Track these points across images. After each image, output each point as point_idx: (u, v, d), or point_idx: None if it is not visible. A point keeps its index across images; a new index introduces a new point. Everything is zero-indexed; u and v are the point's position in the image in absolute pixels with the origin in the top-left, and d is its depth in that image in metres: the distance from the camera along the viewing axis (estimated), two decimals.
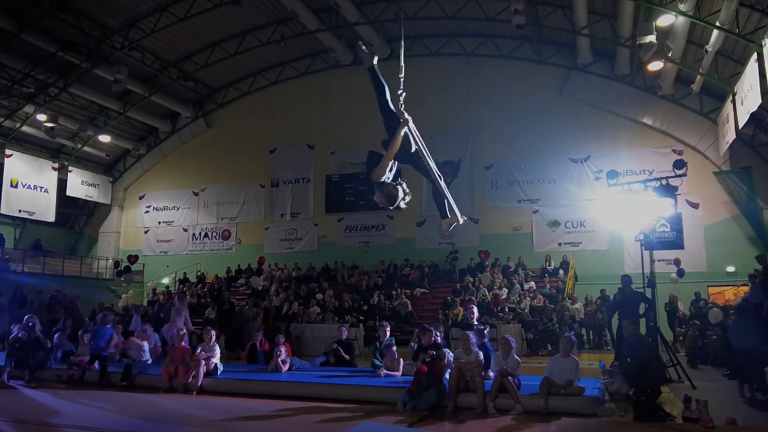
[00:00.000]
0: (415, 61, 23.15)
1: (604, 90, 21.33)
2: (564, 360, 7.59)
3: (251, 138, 26.21)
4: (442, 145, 21.46)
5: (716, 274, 19.12)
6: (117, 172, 28.60)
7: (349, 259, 23.28)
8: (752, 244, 19.09)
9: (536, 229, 22.03)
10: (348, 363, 10.86)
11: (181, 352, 9.19)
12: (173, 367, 8.98)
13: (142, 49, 22.40)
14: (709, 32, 16.37)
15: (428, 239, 22.98)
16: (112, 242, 27.89)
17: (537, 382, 7.81)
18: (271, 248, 25.42)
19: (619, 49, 19.92)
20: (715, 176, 19.25)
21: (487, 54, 22.82)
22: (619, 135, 21.09)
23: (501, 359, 7.57)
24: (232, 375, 9.43)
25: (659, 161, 19.95)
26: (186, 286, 23.72)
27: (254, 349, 11.30)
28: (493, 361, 7.82)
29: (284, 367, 9.55)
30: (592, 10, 18.96)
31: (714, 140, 19.59)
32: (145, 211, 27.90)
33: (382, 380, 8.64)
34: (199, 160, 27.08)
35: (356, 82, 24.36)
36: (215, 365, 9.20)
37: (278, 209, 25.69)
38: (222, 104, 27.09)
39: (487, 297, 18.47)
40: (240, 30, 22.83)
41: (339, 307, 18.78)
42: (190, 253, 26.75)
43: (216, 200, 26.84)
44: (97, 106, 24.78)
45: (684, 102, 20.31)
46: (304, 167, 25.48)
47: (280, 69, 25.78)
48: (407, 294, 19.77)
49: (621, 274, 18.34)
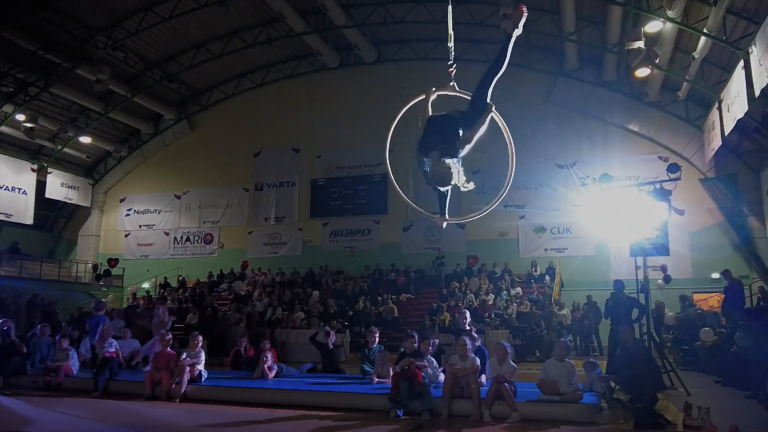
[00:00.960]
0: (402, 65, 23.25)
1: (591, 96, 21.37)
2: (559, 364, 7.43)
3: (235, 141, 25.89)
4: None
5: (702, 280, 19.17)
6: (97, 174, 28.08)
7: (334, 264, 23.05)
8: (737, 250, 19.17)
9: (522, 234, 21.97)
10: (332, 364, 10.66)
11: (165, 358, 8.87)
12: (158, 374, 8.66)
13: (125, 49, 22.00)
14: (697, 39, 16.42)
15: (414, 244, 22.82)
16: (92, 246, 27.33)
17: (531, 389, 7.66)
18: (254, 252, 25.08)
19: (607, 56, 19.96)
20: (701, 183, 19.31)
21: (475, 59, 22.54)
22: (606, 141, 21.09)
23: (496, 365, 7.39)
24: (217, 382, 9.11)
25: (645, 167, 19.95)
26: (167, 290, 23.30)
27: (239, 355, 10.99)
28: (488, 368, 7.63)
29: (271, 373, 9.25)
30: (581, 16, 18.95)
31: (699, 147, 19.69)
32: (126, 214, 27.42)
33: (372, 387, 8.40)
34: (181, 163, 26.67)
35: (343, 85, 24.30)
36: (200, 372, 8.90)
37: (262, 213, 25.38)
38: (206, 106, 26.73)
39: (474, 303, 18.33)
40: (225, 31, 22.56)
41: (324, 313, 18.52)
42: (172, 257, 26.32)
43: (198, 204, 26.45)
44: (78, 107, 24.30)
45: (670, 109, 20.39)
46: (289, 171, 25.19)
47: (265, 71, 25.52)
48: (393, 299, 19.58)
49: (607, 279, 18.58)
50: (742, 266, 18.81)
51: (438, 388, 7.63)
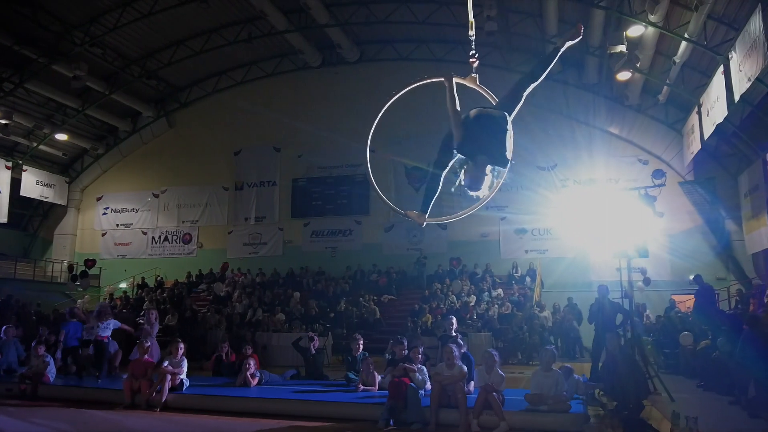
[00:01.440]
0: (385, 65, 23.16)
1: (572, 98, 21.46)
2: (546, 374, 7.41)
3: (215, 139, 25.56)
4: (411, 151, 21.25)
5: (681, 282, 19.33)
6: (74, 172, 27.56)
7: (315, 265, 22.88)
8: (715, 253, 19.41)
9: (503, 236, 22.01)
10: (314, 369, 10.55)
11: (143, 366, 8.67)
12: (136, 382, 8.47)
13: (103, 46, 21.58)
14: (678, 44, 16.57)
15: (396, 245, 22.74)
16: (68, 245, 26.84)
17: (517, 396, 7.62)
18: (234, 253, 24.81)
19: (588, 59, 20.05)
20: (680, 186, 19.50)
21: (457, 60, 22.60)
22: (586, 144, 21.18)
23: (484, 374, 7.34)
24: (199, 390, 8.93)
25: (625, 170, 20.17)
26: (144, 291, 22.97)
27: (220, 360, 10.82)
28: (476, 376, 7.58)
29: (253, 381, 9.11)
30: (562, 18, 19.00)
31: (679, 150, 19.89)
32: (103, 212, 26.96)
33: (358, 396, 8.31)
34: (160, 161, 26.28)
35: (325, 84, 24.12)
36: (181, 380, 8.72)
37: (242, 213, 25.11)
38: (185, 104, 26.36)
39: (456, 304, 18.33)
40: (206, 28, 22.22)
41: (305, 314, 18.37)
42: (149, 256, 25.95)
43: (177, 203, 26.09)
44: (54, 104, 23.74)
45: (650, 112, 20.56)
46: (270, 170, 24.94)
47: (246, 69, 25.21)
48: (375, 300, 19.49)
49: (587, 281, 18.73)
50: (720, 269, 19.09)
51: (426, 396, 7.57)
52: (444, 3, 20.20)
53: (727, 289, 17.98)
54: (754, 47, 12.64)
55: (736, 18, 14.52)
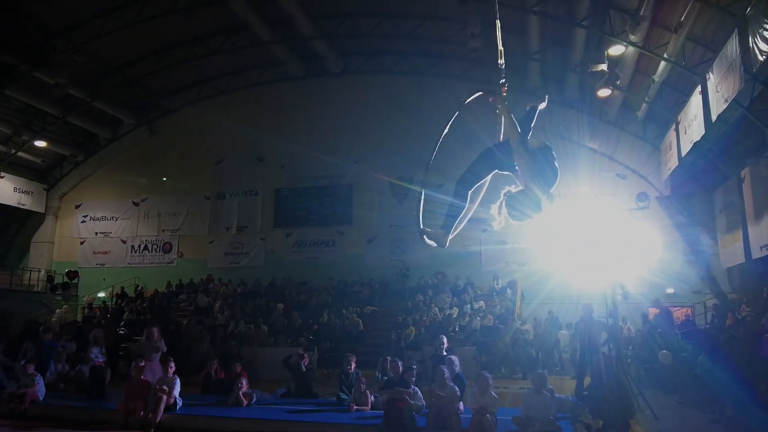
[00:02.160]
0: (369, 78, 23.33)
1: (552, 114, 21.76)
2: (537, 397, 7.58)
3: (197, 148, 25.38)
4: (394, 164, 21.44)
5: (658, 294, 19.72)
6: (52, 179, 27.14)
7: (297, 275, 22.82)
8: (691, 267, 19.84)
9: (485, 247, 22.22)
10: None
11: (139, 386, 8.66)
12: (132, 404, 8.45)
13: (85, 53, 21.37)
14: (657, 63, 17.00)
15: (379, 256, 22.79)
16: (45, 253, 26.42)
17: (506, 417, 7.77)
18: (215, 263, 24.67)
19: (569, 75, 20.41)
20: (657, 201, 19.95)
21: (440, 74, 22.92)
22: (566, 158, 21.48)
23: (478, 396, 7.49)
24: (192, 410, 8.94)
25: (604, 185, 20.50)
26: (124, 301, 22.74)
27: (209, 378, 10.82)
28: (470, 397, 7.73)
29: (246, 400, 9.14)
30: (545, 36, 19.34)
31: (656, 166, 20.35)
32: (82, 220, 26.60)
33: (353, 416, 8.40)
34: (141, 169, 26.00)
35: (309, 94, 24.15)
36: (175, 399, 8.73)
37: (224, 222, 24.99)
38: (167, 112, 26.14)
39: (438, 316, 18.49)
40: (190, 37, 22.09)
41: (289, 326, 18.36)
42: (129, 266, 25.67)
43: (158, 211, 25.85)
44: (34, 110, 23.38)
45: (628, 128, 21.01)
46: (253, 180, 24.86)
47: (230, 78, 25.10)
48: (357, 312, 19.52)
49: (567, 293, 18.97)
50: (695, 282, 19.51)
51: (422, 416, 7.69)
52: (428, 18, 20.46)
53: (703, 302, 18.42)
54: (731, 70, 13.07)
55: (714, 40, 14.97)
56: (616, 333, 10.55)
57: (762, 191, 15.32)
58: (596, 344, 9.93)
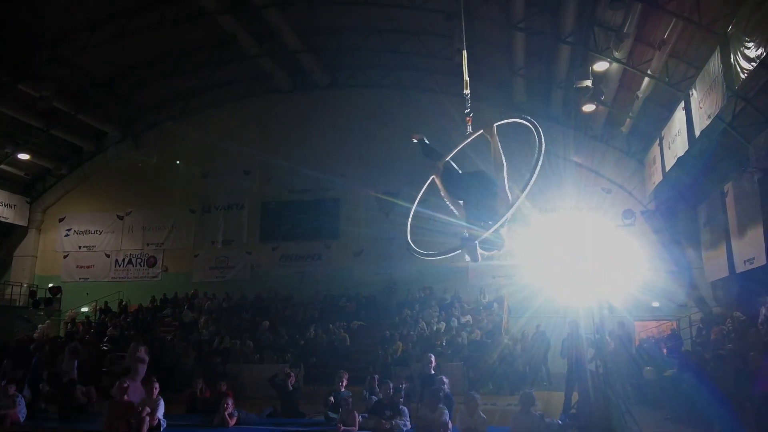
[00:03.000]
0: (355, 92, 23.39)
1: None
2: (525, 417, 7.55)
3: (182, 161, 25.25)
4: (381, 178, 21.47)
5: (642, 308, 19.84)
6: (36, 192, 26.82)
7: (283, 289, 22.66)
8: (675, 280, 19.96)
9: (471, 262, 22.16)
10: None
11: (122, 407, 8.52)
12: (116, 424, 8.31)
13: (70, 65, 21.24)
14: (641, 79, 17.20)
15: (365, 270, 22.70)
16: (28, 267, 26.06)
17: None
18: (200, 276, 24.46)
19: (554, 91, 20.58)
20: (641, 215, 20.11)
21: (426, 89, 23.00)
22: (551, 172, 21.62)
23: (466, 416, 7.45)
24: (176, 430, 8.81)
25: (589, 199, 20.63)
26: (107, 316, 22.45)
27: (194, 397, 10.67)
28: (458, 417, 7.69)
29: (231, 421, 9.01)
30: (530, 52, 19.50)
31: (641, 180, 20.54)
32: (65, 234, 26.31)
33: None
34: (125, 183, 25.81)
35: (295, 108, 24.14)
36: (159, 421, 8.59)
37: (209, 236, 24.82)
38: (153, 125, 26.00)
39: (426, 331, 18.42)
40: (176, 50, 22.06)
41: (275, 342, 18.17)
42: (113, 280, 25.39)
43: (142, 225, 25.66)
44: (17, 123, 23.14)
45: (613, 142, 21.21)
46: (239, 193, 24.70)
47: (216, 91, 25.02)
48: (344, 326, 19.39)
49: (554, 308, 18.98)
50: (680, 295, 19.62)
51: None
52: (413, 33, 20.59)
53: (688, 317, 18.52)
54: (713, 86, 13.27)
55: (697, 57, 15.18)
56: (603, 349, 10.55)
57: (745, 206, 15.48)
58: (583, 361, 9.92)
